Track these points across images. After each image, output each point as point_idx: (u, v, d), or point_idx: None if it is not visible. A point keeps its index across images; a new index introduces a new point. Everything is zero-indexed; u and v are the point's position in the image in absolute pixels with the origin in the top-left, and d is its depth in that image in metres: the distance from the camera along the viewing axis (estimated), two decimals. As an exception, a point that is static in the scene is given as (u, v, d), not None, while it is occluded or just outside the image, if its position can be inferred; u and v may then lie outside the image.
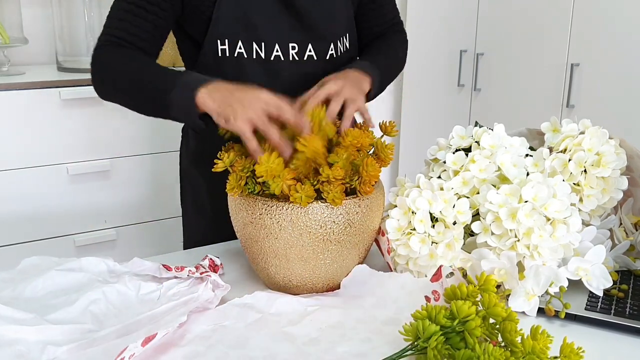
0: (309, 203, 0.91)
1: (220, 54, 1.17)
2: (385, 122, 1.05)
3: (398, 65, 1.37)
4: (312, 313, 0.93)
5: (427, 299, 0.89)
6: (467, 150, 1.06)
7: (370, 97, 1.19)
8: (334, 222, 0.93)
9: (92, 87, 2.09)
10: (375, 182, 0.96)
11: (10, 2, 2.19)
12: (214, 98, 0.98)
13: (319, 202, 0.92)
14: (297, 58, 1.20)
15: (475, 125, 1.09)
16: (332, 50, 1.23)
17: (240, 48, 1.16)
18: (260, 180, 0.91)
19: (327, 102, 1.05)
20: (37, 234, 2.14)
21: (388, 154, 0.97)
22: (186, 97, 1.00)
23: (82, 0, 2.25)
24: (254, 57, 1.17)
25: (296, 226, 0.93)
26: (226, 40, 1.16)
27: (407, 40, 1.42)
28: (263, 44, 1.17)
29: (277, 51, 1.18)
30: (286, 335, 0.88)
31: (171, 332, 0.86)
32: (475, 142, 1.06)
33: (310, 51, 1.20)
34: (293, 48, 1.19)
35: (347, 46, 1.27)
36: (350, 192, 0.96)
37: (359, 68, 1.17)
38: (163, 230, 2.34)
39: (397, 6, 1.41)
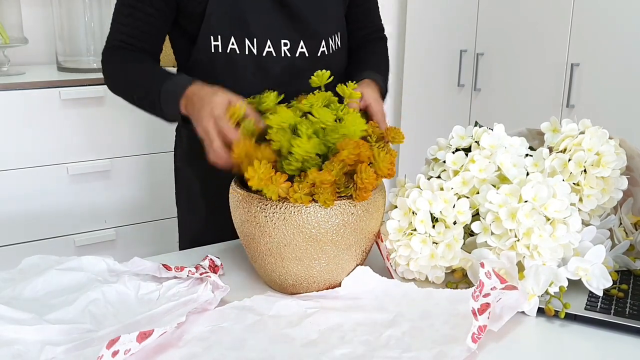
0: (309, 202, 0.91)
1: (213, 50, 1.19)
2: (391, 128, 1.03)
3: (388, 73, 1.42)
4: (312, 315, 0.93)
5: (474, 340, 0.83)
6: (467, 150, 1.06)
7: None
8: (328, 222, 0.93)
9: (92, 87, 2.11)
10: (373, 188, 0.95)
11: (10, 2, 2.19)
12: (188, 110, 1.08)
13: (313, 202, 0.92)
14: (289, 55, 1.22)
15: (475, 125, 1.09)
16: (323, 47, 1.25)
17: (232, 44, 1.18)
18: (252, 186, 0.92)
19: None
20: (37, 234, 2.14)
21: (384, 166, 0.95)
22: (171, 107, 1.11)
23: (82, 0, 2.25)
24: (246, 52, 1.19)
25: (290, 225, 0.93)
26: (219, 37, 1.18)
27: (387, 47, 1.45)
28: (255, 40, 1.18)
29: (269, 47, 1.19)
30: (284, 337, 0.87)
31: (169, 333, 0.86)
32: (475, 142, 1.06)
33: (302, 48, 1.22)
34: (285, 44, 1.20)
35: (339, 44, 1.29)
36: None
37: (376, 81, 1.20)
38: (163, 230, 2.34)
39: (397, 7, 1.43)
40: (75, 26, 2.28)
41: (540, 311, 0.93)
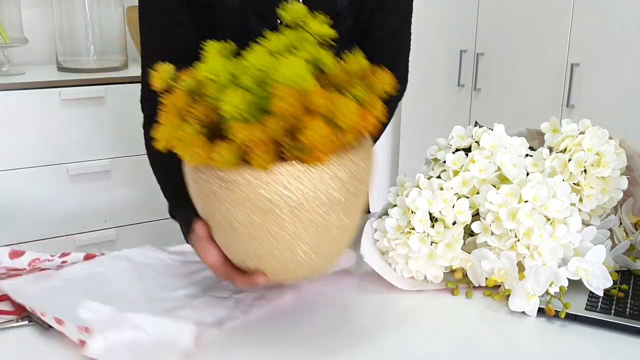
0: (236, 165, 0.73)
1: None
2: (379, 70, 0.79)
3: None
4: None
5: None
6: (467, 150, 1.06)
7: None
8: (283, 191, 0.74)
9: (92, 87, 2.08)
10: (332, 147, 0.73)
11: (10, 2, 2.19)
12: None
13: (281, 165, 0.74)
14: None
15: (475, 125, 1.09)
16: None
17: None
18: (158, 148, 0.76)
19: None
20: (37, 234, 2.14)
21: (346, 116, 0.72)
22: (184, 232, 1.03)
23: (82, 0, 2.25)
24: None
25: (237, 194, 0.75)
26: None
27: (404, 89, 1.32)
28: None
29: None
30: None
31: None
32: (475, 142, 1.06)
33: None
34: None
35: None
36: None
37: None
38: (163, 230, 2.34)
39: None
40: (75, 26, 2.28)
41: (541, 311, 0.93)
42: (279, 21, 1.11)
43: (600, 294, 0.95)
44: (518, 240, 0.95)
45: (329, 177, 0.75)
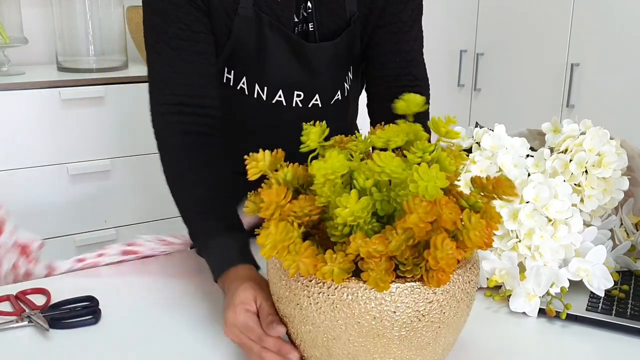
0: (344, 280, 0.67)
1: (225, 80, 1.14)
2: (500, 178, 0.72)
3: None
4: None
5: None
6: (468, 151, 1.06)
7: None
8: (394, 312, 0.67)
9: (92, 87, 2.07)
10: (454, 268, 0.67)
11: (10, 2, 2.18)
12: (224, 287, 0.92)
13: (360, 282, 0.68)
14: (300, 105, 1.16)
15: (476, 126, 1.09)
16: (338, 96, 1.19)
17: (243, 84, 1.13)
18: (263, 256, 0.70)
19: None
20: (37, 234, 2.14)
21: (475, 236, 0.66)
22: (212, 269, 0.96)
23: (82, 0, 2.25)
24: (255, 96, 1.13)
25: (340, 313, 0.68)
26: (232, 71, 1.13)
27: (429, 86, 1.31)
28: (266, 88, 1.13)
29: (279, 97, 1.14)
30: None
31: None
32: (476, 142, 1.06)
33: (316, 100, 1.17)
34: (298, 96, 1.15)
35: (351, 78, 1.22)
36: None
37: None
38: (163, 230, 2.33)
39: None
40: (75, 26, 2.28)
41: (542, 312, 0.93)
42: (293, 31, 1.11)
43: (601, 294, 0.95)
44: (519, 241, 0.95)
45: (444, 295, 0.69)
